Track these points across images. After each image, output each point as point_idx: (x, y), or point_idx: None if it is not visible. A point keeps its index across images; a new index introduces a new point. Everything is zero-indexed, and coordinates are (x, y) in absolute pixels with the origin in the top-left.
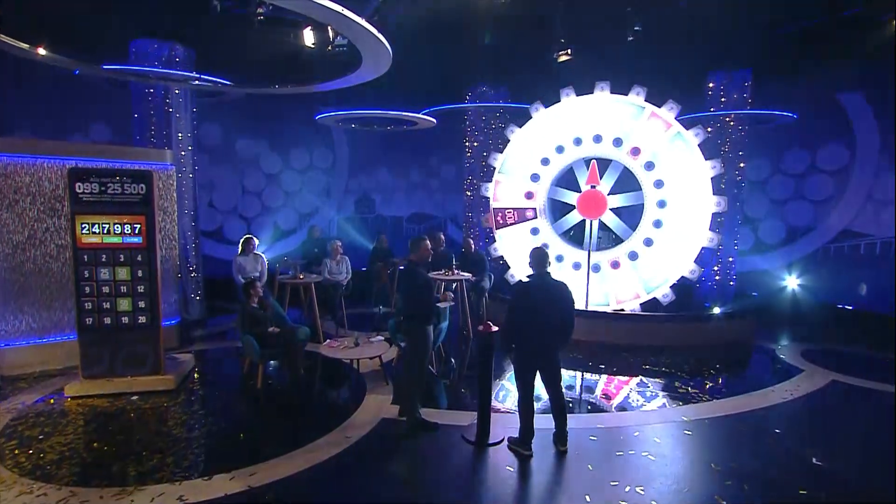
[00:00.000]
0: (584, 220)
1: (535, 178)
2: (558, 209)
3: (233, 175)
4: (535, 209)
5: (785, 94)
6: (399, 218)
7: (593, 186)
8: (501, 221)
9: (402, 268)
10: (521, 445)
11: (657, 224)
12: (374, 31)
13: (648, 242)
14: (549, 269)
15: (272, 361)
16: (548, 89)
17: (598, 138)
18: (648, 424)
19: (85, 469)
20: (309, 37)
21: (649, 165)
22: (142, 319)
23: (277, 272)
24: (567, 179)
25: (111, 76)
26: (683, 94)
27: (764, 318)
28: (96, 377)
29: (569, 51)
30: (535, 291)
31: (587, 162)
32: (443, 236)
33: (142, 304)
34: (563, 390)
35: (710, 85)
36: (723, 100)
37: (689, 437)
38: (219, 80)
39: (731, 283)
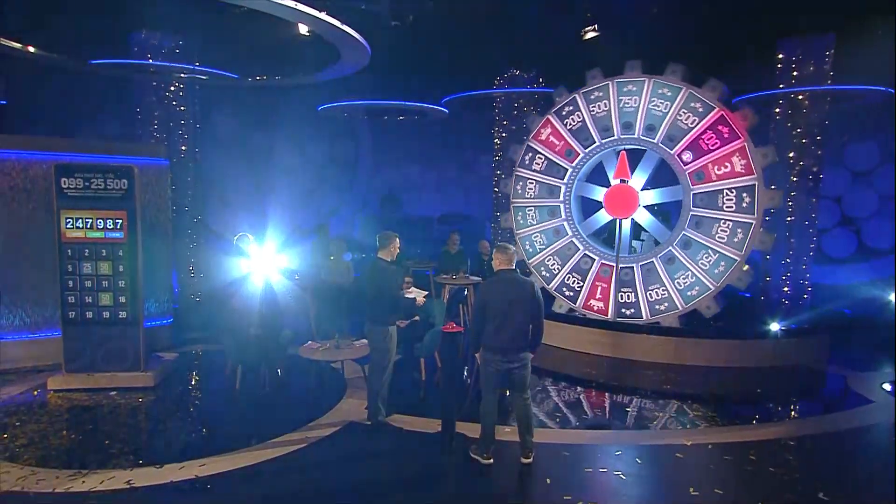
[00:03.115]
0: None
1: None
2: (590, 209)
3: (247, 171)
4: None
5: (876, 65)
6: (429, 218)
7: (623, 181)
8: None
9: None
10: (480, 453)
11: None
12: (325, 17)
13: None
14: (514, 267)
15: (253, 363)
16: (584, 71)
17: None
18: (637, 444)
19: (48, 453)
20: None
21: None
22: (122, 315)
23: None
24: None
25: (117, 71)
26: (746, 68)
27: (846, 340)
28: (78, 371)
29: (595, 27)
30: (500, 290)
31: (618, 153)
32: (457, 237)
33: (122, 300)
34: (530, 398)
35: (780, 56)
36: (795, 73)
37: (679, 460)
38: (214, 70)
39: (805, 296)
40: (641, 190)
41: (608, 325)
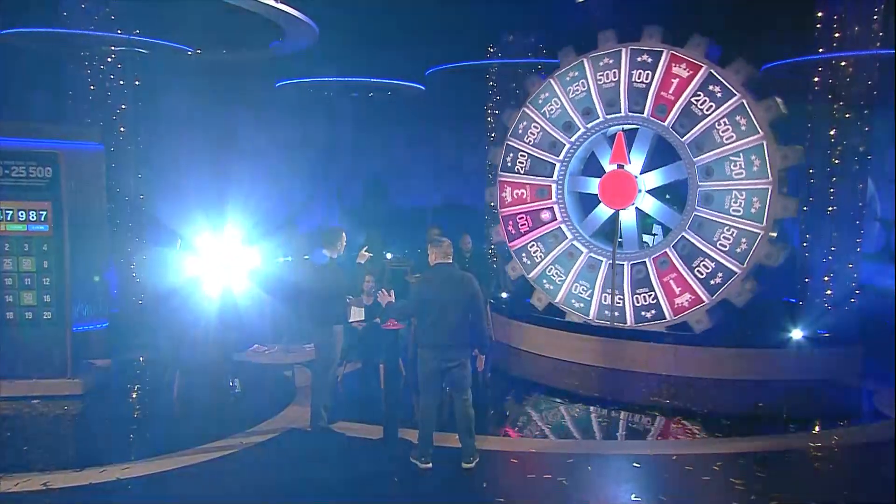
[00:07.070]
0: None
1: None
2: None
3: (203, 155)
4: (551, 208)
5: None
6: (421, 209)
7: (621, 166)
8: (514, 231)
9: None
10: (419, 457)
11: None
12: None
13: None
14: (450, 261)
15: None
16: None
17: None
18: (593, 454)
19: None
20: None
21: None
22: (47, 315)
23: None
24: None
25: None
26: (778, 33)
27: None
28: None
29: None
30: (435, 285)
31: (610, 138)
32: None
33: (47, 299)
34: (470, 400)
35: (820, 15)
36: (836, 35)
37: (635, 469)
38: (153, 40)
39: (852, 299)
40: (641, 174)
41: (603, 332)
